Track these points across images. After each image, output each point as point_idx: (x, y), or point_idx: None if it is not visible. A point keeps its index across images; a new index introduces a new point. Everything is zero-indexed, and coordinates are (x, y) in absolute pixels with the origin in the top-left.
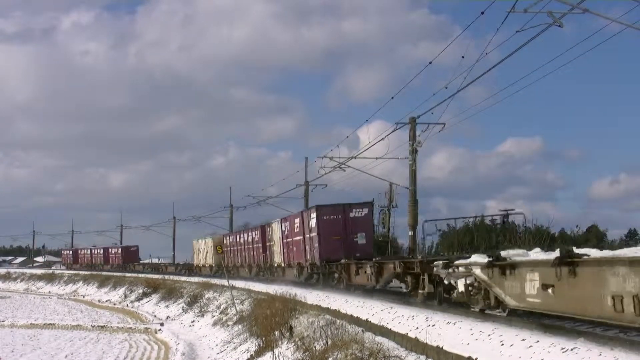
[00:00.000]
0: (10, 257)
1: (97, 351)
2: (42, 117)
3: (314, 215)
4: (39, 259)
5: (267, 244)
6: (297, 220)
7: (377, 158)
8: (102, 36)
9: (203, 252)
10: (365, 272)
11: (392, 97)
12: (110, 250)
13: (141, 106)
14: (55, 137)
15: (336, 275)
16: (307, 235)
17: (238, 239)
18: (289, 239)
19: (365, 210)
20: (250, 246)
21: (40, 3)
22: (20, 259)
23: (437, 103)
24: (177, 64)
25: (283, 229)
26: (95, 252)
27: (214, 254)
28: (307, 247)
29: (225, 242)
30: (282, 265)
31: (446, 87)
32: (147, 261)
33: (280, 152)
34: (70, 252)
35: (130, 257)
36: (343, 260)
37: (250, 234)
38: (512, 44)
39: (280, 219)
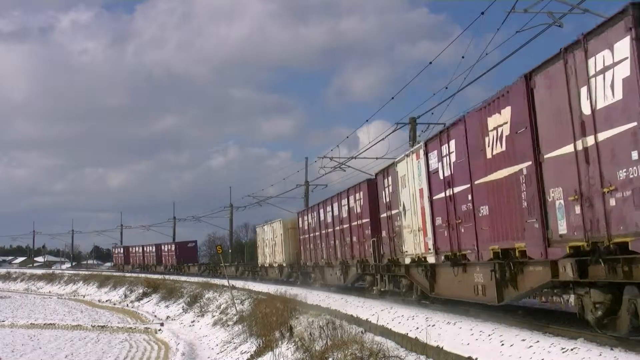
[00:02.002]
0: (10, 257)
1: (97, 351)
2: (41, 116)
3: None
4: (39, 258)
5: (382, 215)
6: (497, 117)
7: (377, 158)
8: (100, 35)
9: (269, 244)
10: None
11: (392, 98)
12: (162, 247)
13: (140, 105)
14: (54, 137)
15: None
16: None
17: (321, 217)
18: (447, 192)
19: None
20: (345, 226)
21: (39, 2)
22: (20, 259)
23: (437, 103)
24: (176, 62)
25: (432, 166)
26: (148, 250)
27: (284, 246)
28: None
29: (300, 224)
30: (432, 259)
31: (446, 87)
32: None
33: (280, 152)
34: (122, 250)
35: (187, 256)
36: None
37: (344, 201)
38: (512, 44)
39: (425, 141)
